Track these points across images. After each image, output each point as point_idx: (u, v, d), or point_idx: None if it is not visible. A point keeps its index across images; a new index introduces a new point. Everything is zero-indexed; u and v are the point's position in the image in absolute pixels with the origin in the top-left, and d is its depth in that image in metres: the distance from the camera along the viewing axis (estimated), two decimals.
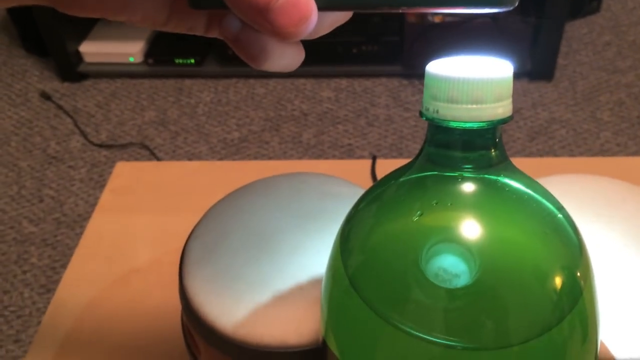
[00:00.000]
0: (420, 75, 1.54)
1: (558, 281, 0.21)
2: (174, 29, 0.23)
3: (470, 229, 0.21)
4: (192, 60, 1.51)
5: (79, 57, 1.55)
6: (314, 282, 0.30)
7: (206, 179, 0.57)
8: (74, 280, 0.49)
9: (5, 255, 1.13)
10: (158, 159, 1.31)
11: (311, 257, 0.31)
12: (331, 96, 1.47)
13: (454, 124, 0.21)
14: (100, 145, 1.35)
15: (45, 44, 1.51)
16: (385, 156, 1.30)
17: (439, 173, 0.22)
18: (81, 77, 1.55)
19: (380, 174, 0.54)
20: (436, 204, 0.21)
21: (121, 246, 0.51)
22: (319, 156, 1.30)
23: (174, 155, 1.32)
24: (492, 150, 0.21)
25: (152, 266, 0.49)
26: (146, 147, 1.33)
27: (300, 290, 0.29)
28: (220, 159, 1.31)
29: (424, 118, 0.22)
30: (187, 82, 1.53)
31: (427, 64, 0.21)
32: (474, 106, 0.20)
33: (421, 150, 0.23)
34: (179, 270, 0.32)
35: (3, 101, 1.50)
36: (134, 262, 0.50)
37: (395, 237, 0.22)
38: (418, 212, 0.21)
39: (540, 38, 1.41)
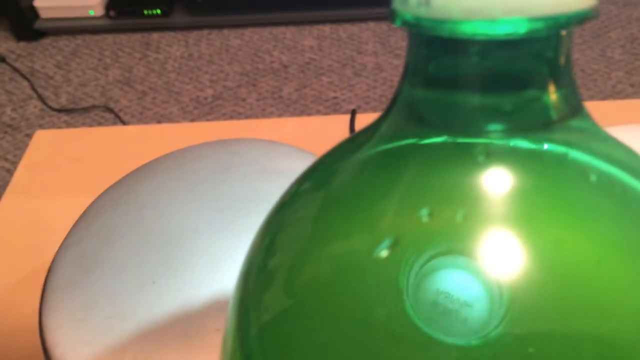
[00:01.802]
0: None
1: None
2: None
3: (498, 241, 0.09)
4: (159, 11, 1.36)
5: (34, 12, 1.40)
6: None
7: (149, 147, 0.45)
8: None
9: None
10: (123, 122, 1.18)
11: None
12: (313, 45, 1.33)
13: (467, 28, 0.09)
14: (60, 110, 1.22)
15: None
16: (375, 109, 1.17)
17: (448, 139, 0.10)
18: (38, 35, 1.40)
19: None
20: (429, 215, 0.09)
21: (33, 237, 0.41)
22: (301, 112, 1.18)
23: (142, 118, 1.19)
24: (554, 88, 0.10)
25: None
26: (110, 110, 1.20)
27: (219, 335, 0.18)
28: (193, 119, 1.18)
29: (398, 22, 0.10)
30: (154, 35, 1.38)
31: None
32: None
33: (396, 96, 0.11)
34: (40, 303, 0.21)
35: None
36: (47, 257, 0.39)
37: (347, 273, 0.11)
38: (387, 240, 0.09)
39: None
